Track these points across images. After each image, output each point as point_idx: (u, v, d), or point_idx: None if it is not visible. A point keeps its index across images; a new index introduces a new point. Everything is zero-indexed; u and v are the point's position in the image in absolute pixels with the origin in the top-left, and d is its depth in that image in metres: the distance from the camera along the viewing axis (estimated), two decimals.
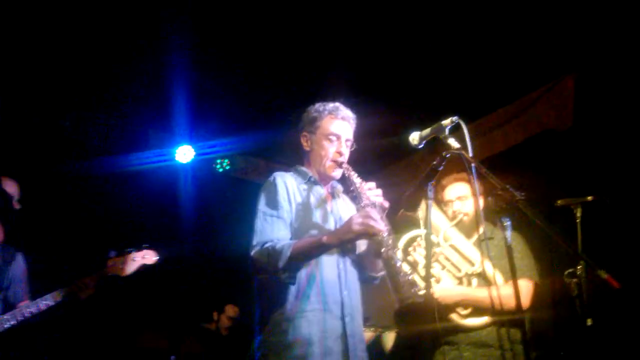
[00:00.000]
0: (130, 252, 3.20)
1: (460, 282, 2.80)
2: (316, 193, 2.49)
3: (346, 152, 2.50)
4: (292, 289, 2.25)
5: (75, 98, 4.76)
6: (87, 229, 4.73)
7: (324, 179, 2.54)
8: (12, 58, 4.16)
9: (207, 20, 3.96)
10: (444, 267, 2.83)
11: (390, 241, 2.24)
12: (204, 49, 4.28)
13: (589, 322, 2.56)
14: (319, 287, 2.27)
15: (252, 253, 2.25)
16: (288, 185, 2.43)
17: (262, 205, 2.38)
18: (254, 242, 2.28)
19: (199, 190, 5.57)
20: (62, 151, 4.84)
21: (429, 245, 2.13)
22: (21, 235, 3.26)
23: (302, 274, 2.27)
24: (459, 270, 2.80)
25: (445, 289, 2.75)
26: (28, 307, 2.93)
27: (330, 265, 2.33)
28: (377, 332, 4.42)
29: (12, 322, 2.87)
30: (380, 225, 2.16)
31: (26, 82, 4.45)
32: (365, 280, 2.51)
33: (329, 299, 2.27)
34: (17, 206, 3.13)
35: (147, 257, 3.27)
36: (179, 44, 4.19)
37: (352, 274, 2.42)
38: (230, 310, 5.39)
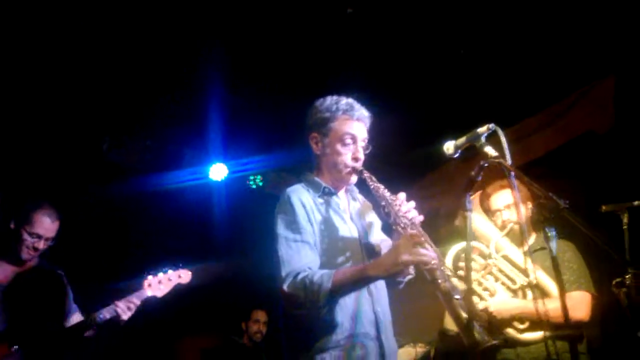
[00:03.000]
0: (166, 272, 3.21)
1: (516, 295, 2.69)
2: (335, 205, 2.27)
3: (362, 156, 2.26)
4: (327, 320, 2.04)
5: (112, 121, 4.88)
6: (124, 248, 4.81)
7: (338, 186, 2.32)
8: (53, 83, 4.29)
9: (238, 40, 4.00)
10: (497, 279, 2.71)
11: (442, 267, 2.01)
12: (235, 68, 4.32)
13: None
14: (352, 310, 2.08)
15: (285, 287, 2.00)
16: (305, 202, 2.19)
17: (281, 229, 2.13)
18: (284, 274, 2.03)
19: (232, 207, 5.60)
20: (101, 172, 4.94)
21: (469, 260, 2.02)
22: (61, 256, 3.30)
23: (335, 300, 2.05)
24: (514, 283, 2.69)
25: (501, 302, 2.64)
26: (70, 330, 2.97)
27: None
28: (426, 348, 4.32)
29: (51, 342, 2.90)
30: (430, 251, 1.94)
31: (66, 108, 4.57)
32: (391, 285, 2.30)
33: (363, 320, 2.09)
34: (41, 246, 3.06)
35: (183, 276, 3.28)
36: (212, 65, 4.24)
37: (381, 284, 2.23)
38: (257, 315, 5.30)
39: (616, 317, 2.69)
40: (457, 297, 1.97)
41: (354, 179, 2.28)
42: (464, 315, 1.94)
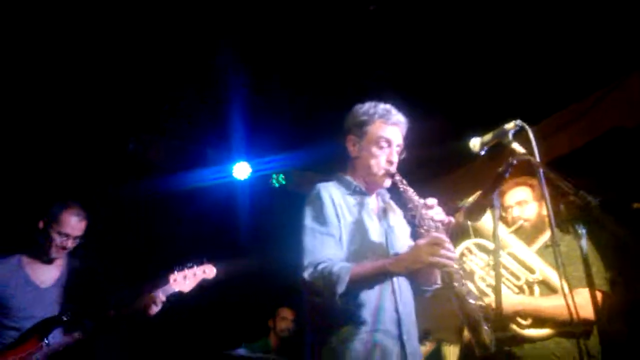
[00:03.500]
0: (192, 267, 3.25)
1: (521, 291, 2.67)
2: (365, 205, 2.32)
3: (396, 160, 2.33)
4: (347, 311, 2.11)
5: (138, 121, 4.95)
6: (150, 246, 4.87)
7: (370, 187, 2.37)
8: (81, 84, 4.36)
9: (261, 40, 4.02)
10: (502, 276, 2.68)
11: (461, 271, 2.07)
12: (258, 66, 4.34)
13: None
14: (374, 306, 2.13)
15: (306, 275, 2.09)
16: (335, 198, 2.26)
17: (308, 220, 2.20)
18: (306, 263, 2.11)
19: (256, 206, 5.63)
20: (127, 172, 5.02)
21: (497, 260, 2.00)
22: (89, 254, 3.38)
23: (356, 293, 2.12)
24: (518, 279, 2.67)
25: (505, 298, 2.60)
26: (97, 323, 3.02)
27: (383, 282, 2.18)
28: (436, 343, 4.29)
29: (81, 338, 2.96)
30: (452, 254, 1.99)
31: (93, 109, 4.65)
32: (417, 292, 2.35)
33: (385, 317, 2.14)
34: (69, 244, 3.15)
35: (208, 271, 3.31)
36: (235, 63, 4.27)
37: (406, 287, 2.28)
38: (283, 312, 5.31)
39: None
40: (471, 300, 2.01)
41: (387, 182, 2.33)
42: (476, 319, 1.99)
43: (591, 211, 1.68)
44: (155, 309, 3.07)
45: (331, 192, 2.28)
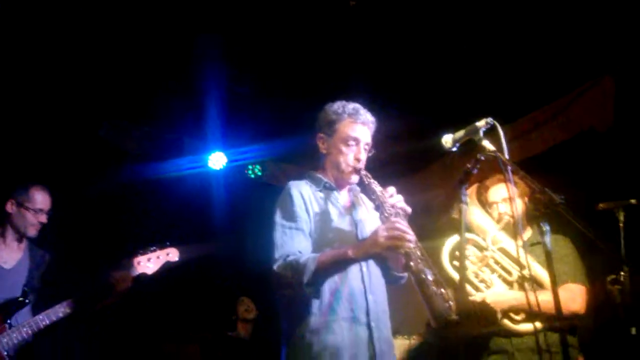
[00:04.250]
0: (154, 250, 3.25)
1: (512, 287, 2.73)
2: (333, 199, 2.42)
3: (364, 157, 2.41)
4: (316, 301, 2.19)
5: (111, 107, 4.87)
6: (121, 235, 4.82)
7: (340, 184, 2.46)
8: (50, 67, 4.27)
9: (238, 30, 3.99)
10: (494, 272, 2.75)
11: (418, 252, 2.16)
12: (235, 57, 4.31)
13: (634, 331, 2.45)
14: (343, 296, 2.21)
15: (275, 267, 2.18)
16: (304, 194, 2.36)
17: (278, 217, 2.31)
18: (276, 256, 2.21)
19: (231, 196, 5.60)
20: (99, 158, 4.95)
21: (463, 251, 2.05)
22: (53, 238, 3.36)
23: (325, 283, 2.20)
24: (510, 275, 2.73)
25: (498, 293, 2.67)
26: (61, 307, 2.98)
27: (353, 271, 2.26)
28: (411, 340, 4.35)
29: (46, 322, 2.93)
30: (408, 237, 2.08)
31: (64, 92, 4.56)
32: (391, 281, 2.43)
33: (353, 306, 2.22)
34: (44, 219, 3.18)
35: (171, 254, 3.31)
36: (211, 53, 4.23)
37: (377, 276, 2.35)
38: (245, 304, 5.31)
39: (609, 313, 2.71)
40: (428, 277, 2.11)
41: (354, 178, 2.41)
42: (430, 292, 2.08)
43: (555, 208, 1.71)
44: (124, 286, 3.08)
45: (301, 189, 2.38)
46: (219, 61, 4.33)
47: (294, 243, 2.24)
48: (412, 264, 2.13)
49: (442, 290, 2.14)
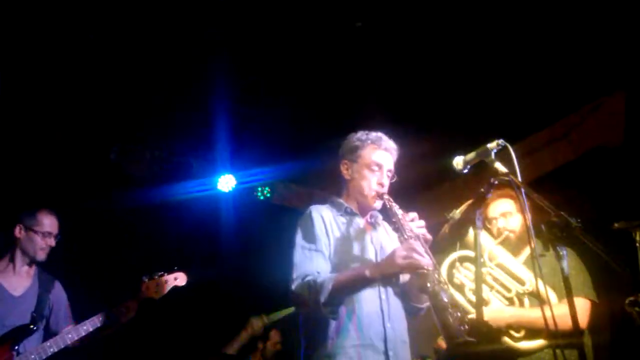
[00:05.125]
0: (162, 275, 3.26)
1: (512, 303, 2.68)
2: (355, 224, 2.44)
3: (387, 183, 2.45)
4: (333, 324, 2.20)
5: (121, 131, 4.91)
6: (129, 259, 4.81)
7: (363, 209, 2.49)
8: (60, 91, 4.31)
9: (248, 52, 4.02)
10: (492, 288, 2.71)
11: (436, 275, 2.17)
12: (244, 80, 4.34)
13: None
14: (360, 321, 2.21)
15: (293, 287, 2.21)
16: (325, 218, 2.40)
17: (299, 239, 2.35)
18: (294, 276, 2.24)
19: (240, 219, 5.59)
20: (108, 182, 4.97)
21: (480, 273, 2.02)
22: (62, 263, 3.37)
23: (342, 307, 2.22)
24: (509, 291, 2.69)
25: (496, 310, 2.63)
26: (69, 333, 2.99)
27: (371, 297, 2.26)
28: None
29: (54, 349, 2.92)
30: (425, 259, 2.09)
31: (73, 116, 4.60)
32: (410, 312, 2.43)
33: (370, 333, 2.21)
34: (53, 243, 3.19)
35: (179, 279, 3.32)
36: (221, 76, 4.26)
37: (396, 305, 2.34)
38: (276, 336, 5.31)
39: (630, 334, 2.65)
40: (444, 299, 2.12)
41: (378, 203, 2.43)
42: (445, 314, 2.09)
43: (572, 232, 1.68)
44: (128, 317, 3.09)
45: (322, 212, 2.41)
46: (228, 83, 4.36)
47: (312, 264, 2.26)
48: (429, 285, 2.14)
49: (458, 313, 2.13)
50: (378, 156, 2.45)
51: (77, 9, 3.54)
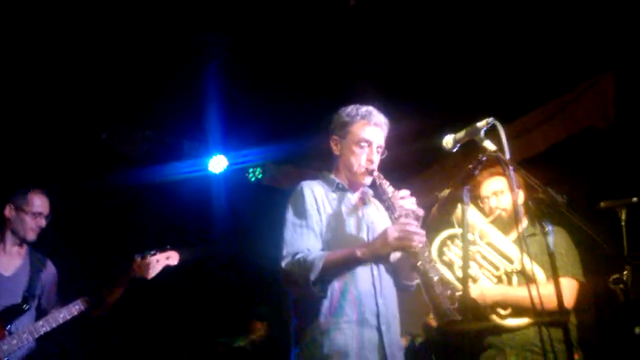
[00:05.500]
0: (154, 254, 3.23)
1: (500, 281, 2.72)
2: (346, 200, 2.41)
3: (377, 159, 2.41)
4: (326, 301, 2.19)
5: (112, 111, 4.87)
6: (121, 238, 4.82)
7: (353, 185, 2.46)
8: (51, 71, 4.28)
9: (238, 32, 3.99)
10: (481, 267, 2.74)
11: (426, 253, 2.16)
12: (235, 60, 4.31)
13: (638, 330, 2.44)
14: (353, 297, 2.21)
15: (283, 264, 2.19)
16: (316, 193, 2.36)
17: (290, 215, 2.31)
18: (284, 253, 2.22)
19: (232, 200, 5.60)
20: (99, 162, 4.95)
21: (466, 250, 2.04)
22: (53, 241, 3.35)
23: (335, 284, 2.21)
24: (497, 269, 2.72)
25: (483, 288, 2.66)
26: (60, 313, 2.98)
27: (363, 274, 2.26)
28: (409, 340, 4.36)
29: (45, 328, 2.93)
30: (417, 237, 2.09)
31: (65, 96, 4.57)
32: (401, 288, 2.43)
33: (364, 309, 2.21)
34: (43, 223, 3.17)
35: (171, 258, 3.30)
36: (211, 56, 4.23)
37: (387, 282, 2.35)
38: (259, 327, 5.31)
39: (613, 311, 2.70)
40: (434, 277, 2.11)
41: (367, 179, 2.41)
42: (436, 291, 2.08)
43: (558, 208, 1.71)
44: (114, 297, 3.09)
45: (313, 188, 2.38)
46: (219, 64, 4.33)
47: (303, 241, 2.24)
48: (419, 264, 2.13)
49: (448, 291, 2.15)
50: (367, 132, 2.40)
51: None
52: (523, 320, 2.62)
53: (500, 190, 2.87)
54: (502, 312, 2.65)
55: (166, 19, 3.86)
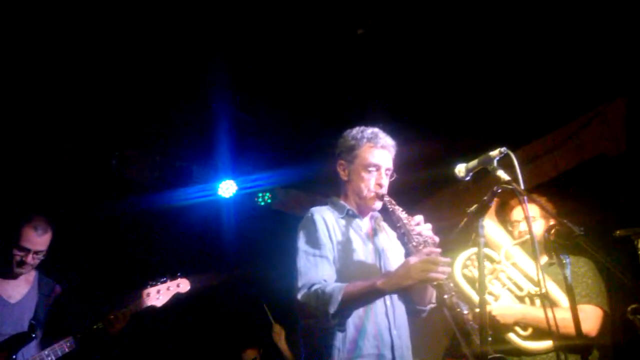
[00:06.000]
0: (165, 281, 3.21)
1: (522, 302, 2.67)
2: (356, 227, 2.35)
3: (386, 183, 2.36)
4: (339, 334, 2.10)
5: (122, 137, 4.91)
6: (132, 264, 4.80)
7: (362, 210, 2.40)
8: (61, 97, 4.31)
9: (248, 58, 4.02)
10: (504, 285, 2.70)
11: (451, 284, 2.06)
12: (244, 85, 4.34)
13: None
14: (366, 330, 2.13)
15: (299, 296, 2.09)
16: (327, 220, 2.29)
17: (302, 243, 2.23)
18: (300, 284, 2.12)
19: (241, 224, 5.58)
20: (109, 188, 4.96)
21: (482, 276, 1.96)
22: (62, 269, 3.33)
23: (349, 319, 2.12)
24: (521, 290, 2.68)
25: (505, 306, 2.62)
26: (67, 342, 2.94)
27: (377, 304, 2.19)
28: None
29: (52, 358, 2.89)
30: (443, 269, 1.98)
31: (75, 122, 4.61)
32: (413, 313, 2.36)
33: (379, 342, 2.14)
34: (31, 261, 3.03)
35: (182, 286, 3.27)
36: (222, 82, 4.26)
37: (401, 311, 2.29)
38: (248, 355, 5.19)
39: (632, 342, 2.64)
40: (464, 311, 2.01)
41: (377, 204, 2.35)
42: (468, 328, 1.97)
43: (575, 240, 1.68)
44: (118, 327, 3.01)
45: (324, 215, 2.31)
46: (228, 89, 4.36)
47: (318, 271, 2.15)
48: (446, 297, 2.02)
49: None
50: (375, 156, 2.34)
51: (80, 14, 3.54)
52: (543, 344, 2.56)
53: (532, 217, 2.82)
54: (522, 332, 2.59)
55: (176, 45, 3.90)
